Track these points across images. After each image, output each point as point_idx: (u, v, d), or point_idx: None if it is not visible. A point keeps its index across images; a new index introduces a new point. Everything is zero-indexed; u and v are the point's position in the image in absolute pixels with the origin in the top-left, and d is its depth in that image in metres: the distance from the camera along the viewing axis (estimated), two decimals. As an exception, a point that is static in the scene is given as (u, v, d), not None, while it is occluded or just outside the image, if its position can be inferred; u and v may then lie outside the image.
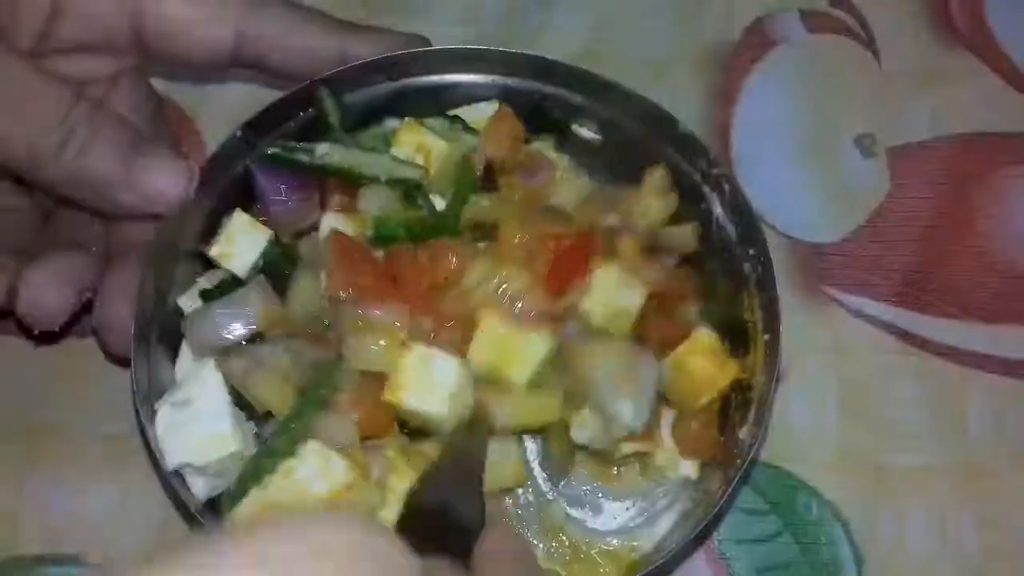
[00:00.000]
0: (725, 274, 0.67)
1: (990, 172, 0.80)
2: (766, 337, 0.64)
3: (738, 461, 0.60)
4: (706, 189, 0.67)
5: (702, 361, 0.63)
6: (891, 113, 0.82)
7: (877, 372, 0.74)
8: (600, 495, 0.68)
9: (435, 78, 0.69)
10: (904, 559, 0.68)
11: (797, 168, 0.80)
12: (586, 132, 0.71)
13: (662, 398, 0.64)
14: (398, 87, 0.69)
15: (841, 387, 0.73)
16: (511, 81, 0.69)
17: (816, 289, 0.76)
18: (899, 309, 0.75)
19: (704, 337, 0.64)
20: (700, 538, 0.68)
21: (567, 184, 0.67)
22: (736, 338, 0.66)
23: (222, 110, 0.79)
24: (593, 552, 0.66)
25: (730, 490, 0.59)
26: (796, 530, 0.69)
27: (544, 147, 0.70)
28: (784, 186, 0.79)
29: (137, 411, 0.61)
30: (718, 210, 0.67)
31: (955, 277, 0.76)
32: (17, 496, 0.69)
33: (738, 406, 0.64)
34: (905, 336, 0.75)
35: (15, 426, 0.71)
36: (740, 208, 0.66)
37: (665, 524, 0.66)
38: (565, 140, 0.71)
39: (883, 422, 0.72)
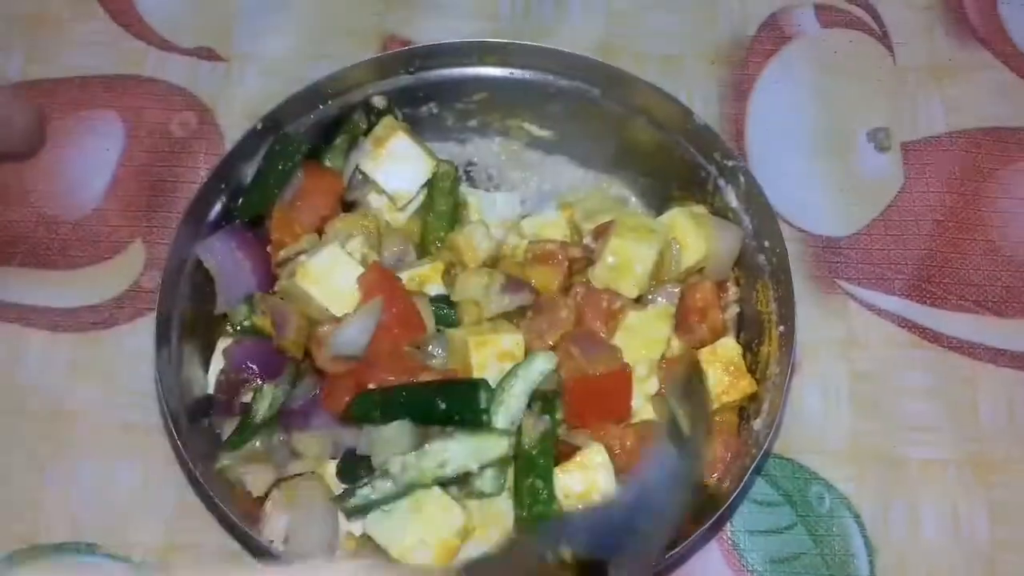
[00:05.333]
0: (740, 266, 0.68)
1: (1003, 166, 0.80)
2: (780, 328, 0.64)
3: (753, 451, 0.61)
4: (721, 182, 0.68)
5: (719, 372, 0.64)
6: (905, 108, 0.82)
7: (889, 365, 0.74)
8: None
9: (453, 71, 0.70)
10: (916, 550, 0.69)
11: (811, 162, 0.80)
12: (597, 126, 0.71)
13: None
14: (417, 80, 0.70)
15: (853, 380, 0.73)
16: (528, 74, 0.70)
17: (829, 282, 0.76)
18: (911, 303, 0.76)
19: (728, 349, 0.64)
20: (714, 529, 0.68)
21: None
22: (751, 329, 0.67)
23: (241, 103, 0.80)
24: None
25: (745, 479, 0.59)
26: (809, 522, 0.69)
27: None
28: (797, 180, 0.79)
29: (162, 404, 0.61)
30: (733, 202, 0.67)
31: (967, 271, 0.77)
32: (39, 483, 0.69)
33: (753, 397, 0.65)
34: (917, 329, 0.75)
35: (38, 414, 0.72)
36: (755, 200, 0.66)
37: None
38: (579, 130, 0.72)
39: (895, 415, 0.72)
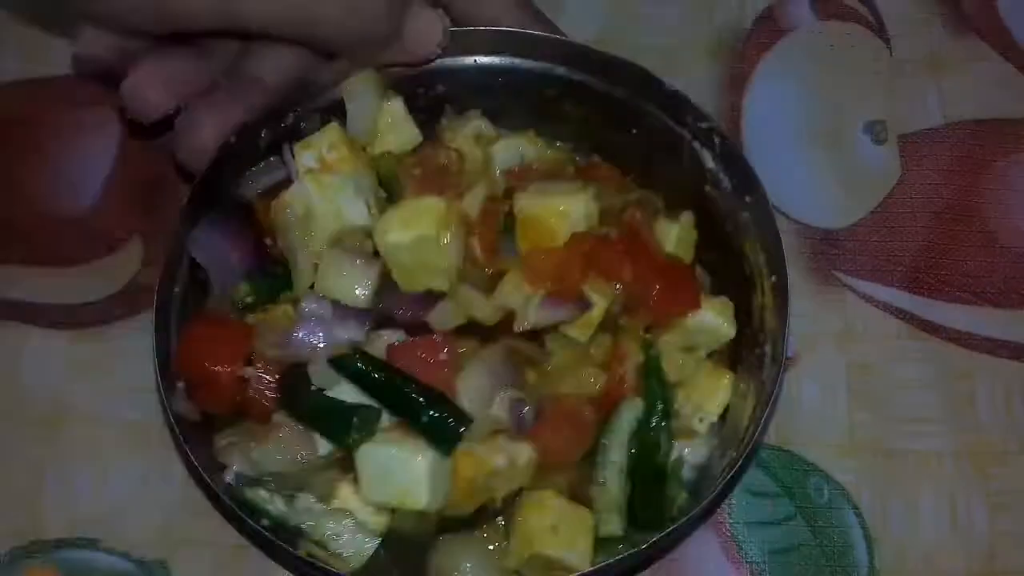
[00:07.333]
0: (724, 225, 0.68)
1: (1000, 158, 0.80)
2: (772, 279, 0.64)
3: (747, 432, 0.61)
4: (696, 145, 0.68)
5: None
6: (902, 100, 0.82)
7: (887, 357, 0.74)
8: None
9: (448, 61, 0.70)
10: (914, 542, 0.69)
11: (808, 154, 0.80)
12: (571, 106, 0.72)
13: None
14: (413, 71, 0.70)
15: (851, 372, 0.73)
16: (522, 63, 0.70)
17: (826, 274, 0.76)
18: (909, 294, 0.76)
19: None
20: (711, 519, 0.68)
21: None
22: (741, 287, 0.67)
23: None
24: None
25: (738, 466, 0.59)
26: (807, 513, 0.69)
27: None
28: (795, 172, 0.80)
29: (160, 391, 0.61)
30: (710, 163, 0.68)
31: (965, 262, 0.77)
32: (39, 481, 0.70)
33: (750, 350, 0.65)
34: (915, 321, 0.75)
35: (38, 412, 0.72)
36: (733, 158, 0.66)
37: None
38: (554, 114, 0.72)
39: (893, 407, 0.73)
